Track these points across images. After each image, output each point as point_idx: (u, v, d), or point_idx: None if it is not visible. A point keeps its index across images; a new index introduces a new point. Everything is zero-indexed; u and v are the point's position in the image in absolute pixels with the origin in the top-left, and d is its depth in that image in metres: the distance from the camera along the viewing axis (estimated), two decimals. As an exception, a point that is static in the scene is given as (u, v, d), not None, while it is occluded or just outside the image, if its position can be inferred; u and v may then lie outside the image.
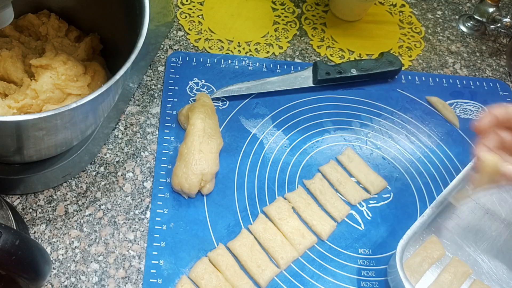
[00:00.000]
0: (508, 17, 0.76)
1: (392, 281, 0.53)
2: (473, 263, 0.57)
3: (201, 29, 0.74)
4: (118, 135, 0.62)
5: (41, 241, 0.54)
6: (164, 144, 0.62)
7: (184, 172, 0.56)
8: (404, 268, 0.51)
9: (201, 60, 0.70)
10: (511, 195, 0.62)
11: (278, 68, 0.71)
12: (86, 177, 0.58)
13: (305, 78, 0.68)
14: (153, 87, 0.67)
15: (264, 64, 0.71)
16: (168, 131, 0.63)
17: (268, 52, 0.73)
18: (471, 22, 0.80)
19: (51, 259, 0.53)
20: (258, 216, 0.57)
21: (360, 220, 0.59)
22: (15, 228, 0.49)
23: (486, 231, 0.60)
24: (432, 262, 0.56)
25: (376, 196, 0.61)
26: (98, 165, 0.59)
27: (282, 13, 0.78)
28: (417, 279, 0.55)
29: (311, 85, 0.68)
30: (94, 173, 0.59)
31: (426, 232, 0.58)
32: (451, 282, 0.55)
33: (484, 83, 0.74)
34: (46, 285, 0.51)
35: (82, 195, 0.57)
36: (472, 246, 0.58)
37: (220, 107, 0.66)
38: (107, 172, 0.59)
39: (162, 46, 0.71)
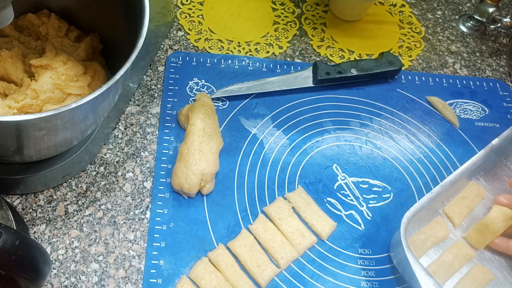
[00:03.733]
0: (508, 17, 0.76)
1: (395, 257, 0.54)
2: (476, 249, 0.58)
3: (201, 29, 0.74)
4: (118, 135, 0.62)
5: (41, 241, 0.54)
6: (164, 144, 0.62)
7: (184, 172, 0.56)
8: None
9: (201, 60, 0.70)
10: None
11: (278, 68, 0.71)
12: (86, 177, 0.58)
13: (305, 78, 0.68)
14: (153, 87, 0.67)
15: (264, 64, 0.71)
16: (168, 131, 0.63)
17: (268, 52, 0.73)
18: (471, 22, 0.80)
19: (51, 259, 0.53)
20: (258, 216, 0.57)
21: (360, 220, 0.59)
22: (15, 228, 0.49)
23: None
24: (435, 241, 0.57)
25: (376, 196, 0.61)
26: (98, 165, 0.59)
27: (282, 13, 0.78)
28: (419, 255, 0.56)
29: (311, 85, 0.68)
30: (94, 173, 0.59)
31: (432, 213, 0.59)
32: (452, 262, 0.55)
33: (484, 83, 0.74)
34: (46, 285, 0.51)
35: (82, 195, 0.57)
36: None
37: (220, 107, 0.66)
38: (107, 172, 0.59)
39: (162, 46, 0.71)
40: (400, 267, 0.54)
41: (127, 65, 0.45)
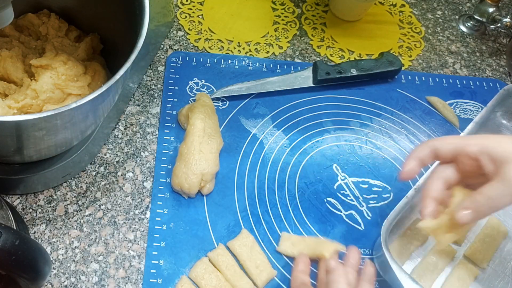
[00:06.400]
0: (508, 17, 0.76)
1: (379, 265, 0.54)
2: (457, 244, 0.58)
3: (201, 29, 0.74)
4: (118, 135, 0.62)
5: (41, 241, 0.54)
6: (164, 144, 0.62)
7: (184, 172, 0.56)
8: (390, 250, 0.51)
9: (201, 60, 0.70)
10: None
11: (278, 68, 0.71)
12: (86, 177, 0.58)
13: (305, 78, 0.68)
14: (153, 87, 0.67)
15: (264, 64, 0.71)
16: (168, 131, 0.63)
17: (268, 52, 0.73)
18: (471, 22, 0.80)
19: (51, 259, 0.53)
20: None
21: (360, 220, 0.59)
22: (15, 228, 0.49)
23: None
24: (417, 244, 0.57)
25: (376, 196, 0.61)
26: (98, 165, 0.59)
27: (282, 13, 0.78)
28: (404, 261, 0.56)
29: (311, 85, 0.68)
30: (94, 173, 0.59)
31: (411, 215, 0.59)
32: (436, 263, 0.56)
33: (484, 83, 0.74)
34: (46, 285, 0.51)
35: (82, 195, 0.57)
36: None
37: (220, 107, 0.66)
38: (107, 172, 0.59)
39: (162, 46, 0.71)
40: (386, 276, 0.54)
41: (127, 65, 0.45)
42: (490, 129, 0.66)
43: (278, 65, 0.71)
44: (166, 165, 0.60)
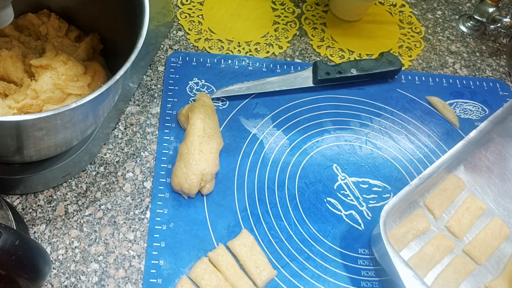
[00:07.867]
0: (508, 17, 0.76)
1: (377, 251, 0.54)
2: (457, 240, 0.58)
3: (201, 29, 0.74)
4: (118, 135, 0.62)
5: (41, 241, 0.54)
6: (164, 144, 0.62)
7: (184, 172, 0.56)
8: (388, 237, 0.51)
9: (201, 60, 0.70)
10: (500, 179, 0.63)
11: (278, 68, 0.71)
12: (86, 177, 0.58)
13: (305, 78, 0.68)
14: (153, 87, 0.67)
15: (264, 64, 0.71)
16: (168, 131, 0.63)
17: (268, 52, 0.73)
18: (471, 22, 0.80)
19: (51, 259, 0.53)
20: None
21: (360, 220, 0.59)
22: (15, 228, 0.49)
23: None
24: (416, 234, 0.57)
25: (376, 196, 0.61)
26: (98, 165, 0.59)
27: (282, 13, 0.78)
28: (401, 249, 0.56)
29: (311, 85, 0.68)
30: (94, 173, 0.59)
31: (413, 206, 0.59)
32: (433, 254, 0.56)
33: (484, 83, 0.74)
34: (46, 285, 0.51)
35: (82, 195, 0.57)
36: None
37: (220, 107, 0.66)
38: (107, 172, 0.59)
39: (162, 46, 0.71)
40: (382, 261, 0.54)
41: (127, 65, 0.45)
42: (504, 130, 0.66)
43: (278, 65, 0.71)
44: (166, 165, 0.60)
